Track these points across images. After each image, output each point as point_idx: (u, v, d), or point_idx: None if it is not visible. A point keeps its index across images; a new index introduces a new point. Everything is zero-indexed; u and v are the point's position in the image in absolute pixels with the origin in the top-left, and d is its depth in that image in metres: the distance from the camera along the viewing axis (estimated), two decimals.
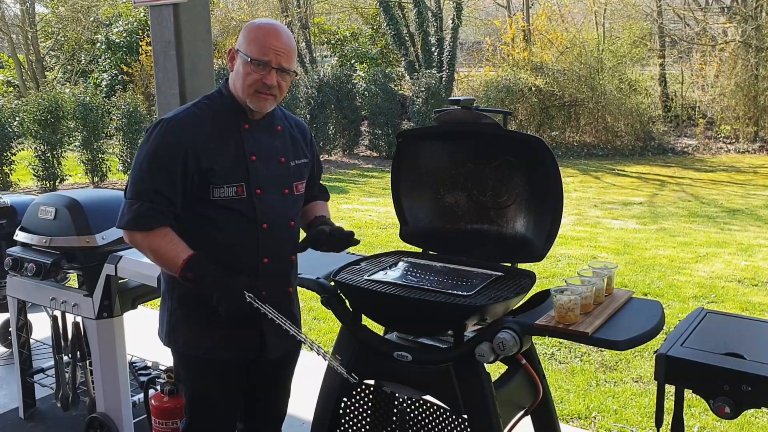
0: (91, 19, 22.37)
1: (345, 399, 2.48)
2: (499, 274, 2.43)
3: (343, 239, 2.25)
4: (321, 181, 2.51)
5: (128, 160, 12.37)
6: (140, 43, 18.62)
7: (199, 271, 2.00)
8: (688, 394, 1.96)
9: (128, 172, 12.16)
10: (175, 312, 2.17)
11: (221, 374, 2.21)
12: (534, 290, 2.40)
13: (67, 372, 3.28)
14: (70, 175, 12.39)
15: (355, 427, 2.51)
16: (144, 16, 19.32)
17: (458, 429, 2.29)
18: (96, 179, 12.27)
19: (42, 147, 11.68)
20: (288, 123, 2.28)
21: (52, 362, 3.40)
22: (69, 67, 22.74)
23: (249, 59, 2.04)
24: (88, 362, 3.20)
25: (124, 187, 2.11)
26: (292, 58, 2.11)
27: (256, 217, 2.10)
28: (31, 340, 3.59)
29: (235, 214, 2.08)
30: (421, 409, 2.43)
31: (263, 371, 2.30)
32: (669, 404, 2.03)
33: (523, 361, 2.33)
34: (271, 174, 2.14)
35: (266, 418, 2.41)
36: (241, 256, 2.12)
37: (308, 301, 5.30)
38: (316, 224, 2.33)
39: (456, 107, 2.46)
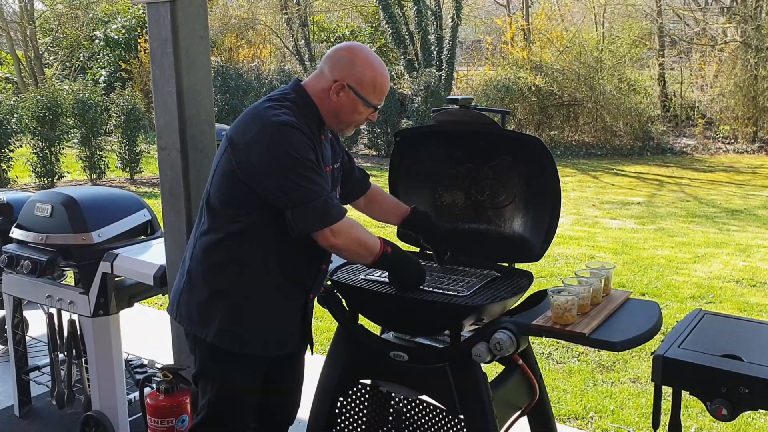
0: (90, 15, 22.35)
1: (341, 398, 2.47)
2: (497, 274, 2.43)
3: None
4: None
5: (126, 157, 12.35)
6: (139, 40, 18.59)
7: (394, 247, 2.18)
8: (685, 394, 1.95)
9: (125, 169, 12.25)
10: (215, 304, 2.08)
11: (252, 367, 2.18)
12: (531, 290, 2.39)
13: (63, 370, 3.27)
14: (68, 172, 12.35)
15: (350, 427, 2.50)
16: (142, 13, 19.30)
17: (454, 429, 2.28)
18: (94, 176, 12.24)
19: (40, 144, 11.64)
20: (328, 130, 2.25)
21: (47, 360, 3.39)
22: (68, 63, 22.71)
23: (370, 104, 2.10)
24: (83, 360, 3.19)
25: (285, 203, 1.98)
26: None
27: None
28: (27, 338, 3.58)
29: None
30: (417, 409, 2.42)
31: (283, 365, 2.29)
32: (666, 405, 2.02)
33: (520, 362, 2.32)
34: (330, 183, 2.14)
35: (281, 410, 2.39)
36: (305, 262, 2.14)
37: None
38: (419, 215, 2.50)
39: (454, 106, 2.46)
